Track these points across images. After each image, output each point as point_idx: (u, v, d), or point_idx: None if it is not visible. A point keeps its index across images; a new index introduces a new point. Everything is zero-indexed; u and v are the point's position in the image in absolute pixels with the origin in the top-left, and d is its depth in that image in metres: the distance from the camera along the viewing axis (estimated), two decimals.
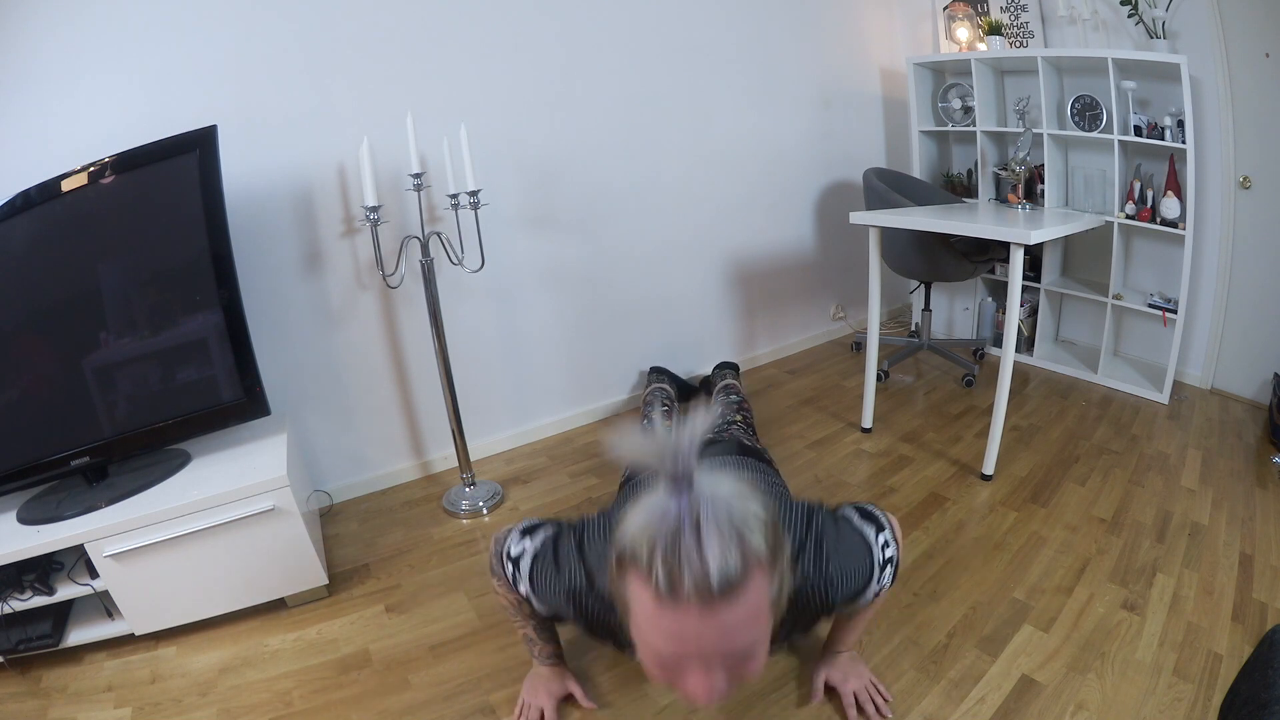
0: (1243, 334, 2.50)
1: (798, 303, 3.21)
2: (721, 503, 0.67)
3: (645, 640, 0.73)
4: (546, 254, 2.34)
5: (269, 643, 1.52)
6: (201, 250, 1.55)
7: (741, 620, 0.68)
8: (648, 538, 0.67)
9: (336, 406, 2.08)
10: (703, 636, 0.68)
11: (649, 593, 0.67)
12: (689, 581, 0.64)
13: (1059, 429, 2.35)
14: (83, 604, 1.53)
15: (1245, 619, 1.44)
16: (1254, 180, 2.33)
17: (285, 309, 1.93)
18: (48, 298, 1.47)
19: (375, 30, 1.90)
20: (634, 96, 2.43)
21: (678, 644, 0.69)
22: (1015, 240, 1.83)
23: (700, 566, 0.64)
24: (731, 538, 0.66)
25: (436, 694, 1.35)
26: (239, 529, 1.50)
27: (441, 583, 1.70)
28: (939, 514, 1.87)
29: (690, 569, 0.64)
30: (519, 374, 2.38)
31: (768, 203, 2.96)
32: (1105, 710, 1.23)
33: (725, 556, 0.65)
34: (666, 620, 0.68)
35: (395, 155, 1.85)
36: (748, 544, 0.67)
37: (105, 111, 1.60)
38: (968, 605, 1.52)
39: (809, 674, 1.32)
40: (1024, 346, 2.94)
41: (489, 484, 2.13)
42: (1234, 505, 1.86)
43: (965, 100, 2.94)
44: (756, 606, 0.70)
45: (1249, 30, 2.21)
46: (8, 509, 1.50)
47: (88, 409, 1.53)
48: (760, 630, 0.73)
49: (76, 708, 1.36)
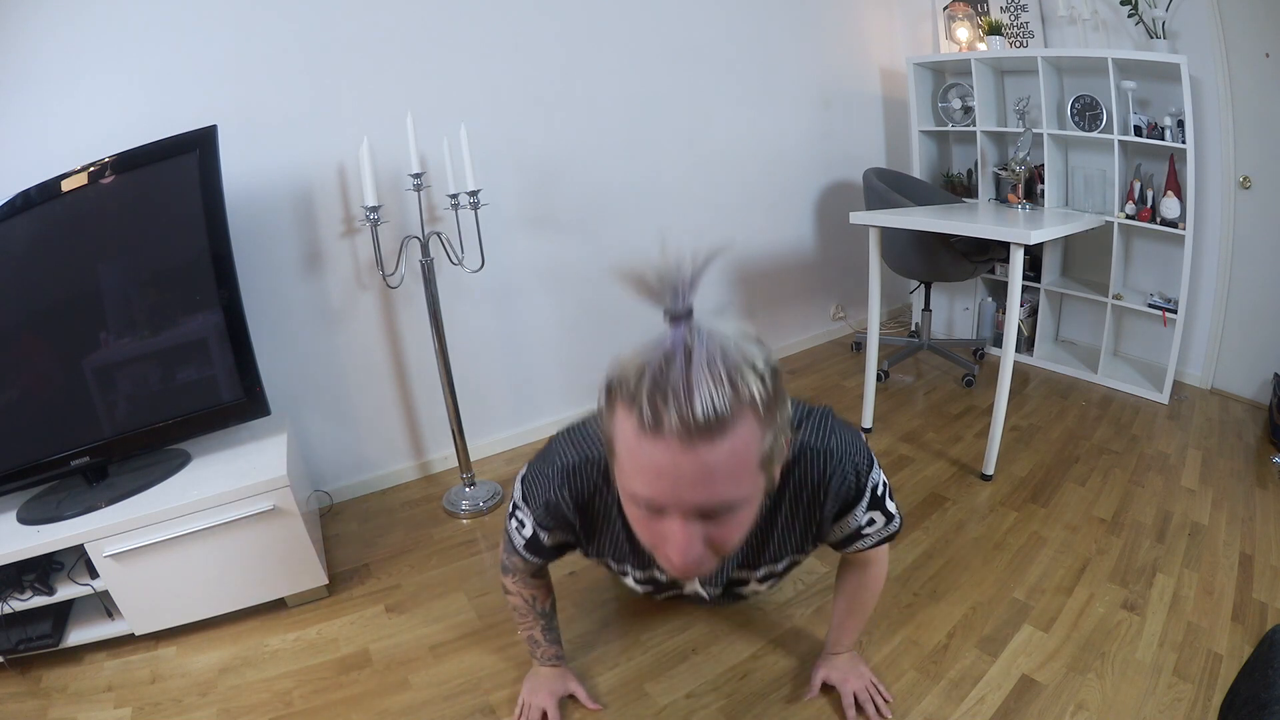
0: (1243, 334, 2.50)
1: (798, 303, 3.21)
2: (719, 340, 0.64)
3: (627, 481, 0.70)
4: (546, 254, 2.34)
5: (269, 643, 1.52)
6: (201, 250, 1.55)
7: (725, 463, 0.65)
8: (637, 366, 0.65)
9: (336, 406, 2.08)
10: (681, 473, 0.64)
11: (632, 423, 0.65)
12: (673, 411, 0.61)
13: (1059, 429, 2.35)
14: (83, 604, 1.53)
15: (1245, 619, 1.43)
16: (1254, 180, 2.33)
17: (285, 309, 1.93)
18: (48, 298, 1.47)
19: (375, 30, 1.90)
20: (634, 96, 2.43)
21: (656, 481, 0.66)
22: (1015, 240, 1.83)
23: (686, 397, 0.61)
24: (723, 374, 0.63)
25: (436, 694, 1.35)
26: (239, 529, 1.50)
27: (441, 583, 1.71)
28: (939, 514, 1.87)
29: (675, 398, 0.61)
30: (519, 374, 2.38)
31: (768, 203, 2.96)
32: (1105, 710, 1.23)
33: (714, 391, 0.62)
34: (647, 453, 0.65)
35: (395, 155, 1.85)
36: (741, 384, 0.64)
37: (105, 111, 1.60)
38: (968, 605, 1.52)
39: (808, 674, 1.32)
40: (1024, 346, 2.94)
41: (489, 484, 2.13)
42: (1234, 505, 1.86)
43: (965, 100, 2.94)
44: (743, 453, 0.66)
45: (1249, 30, 2.21)
46: (8, 509, 1.50)
47: (88, 409, 1.53)
48: (745, 484, 0.69)
49: (76, 708, 1.36)
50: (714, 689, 1.33)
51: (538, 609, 1.22)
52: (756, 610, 1.53)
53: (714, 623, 1.50)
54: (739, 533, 0.73)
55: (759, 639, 1.45)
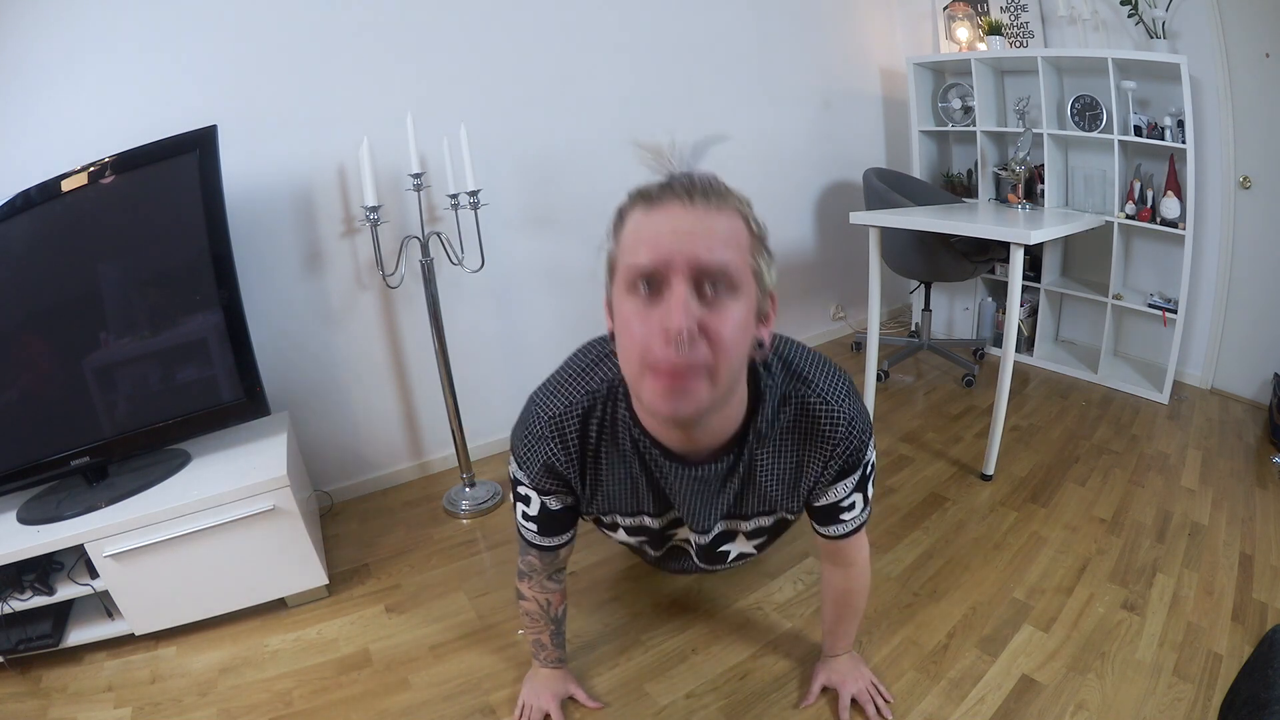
0: (1243, 334, 2.50)
1: (798, 303, 3.21)
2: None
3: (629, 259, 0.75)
4: (546, 254, 2.34)
5: (269, 643, 1.52)
6: (201, 250, 1.55)
7: (723, 226, 0.74)
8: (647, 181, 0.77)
9: (336, 406, 2.08)
10: (682, 226, 0.73)
11: (639, 208, 0.76)
12: (677, 184, 0.75)
13: (1059, 429, 2.35)
14: (83, 604, 1.53)
15: (1245, 619, 1.43)
16: (1254, 180, 2.33)
17: (285, 309, 1.93)
18: (48, 298, 1.47)
19: (375, 30, 1.90)
20: (634, 96, 2.43)
21: (658, 239, 0.73)
22: (1015, 240, 1.84)
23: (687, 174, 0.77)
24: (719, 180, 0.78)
25: (436, 694, 1.35)
26: (239, 529, 1.50)
27: (441, 583, 1.71)
28: (939, 514, 1.87)
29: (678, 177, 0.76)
30: (519, 374, 2.38)
31: (768, 203, 2.91)
32: (1105, 710, 1.23)
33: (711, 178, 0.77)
34: (652, 220, 0.74)
35: (395, 155, 1.85)
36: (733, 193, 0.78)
37: (105, 111, 1.60)
38: (968, 605, 1.52)
39: (809, 675, 1.32)
40: (1024, 346, 2.94)
41: (489, 484, 2.13)
42: (1234, 505, 1.86)
43: (965, 100, 2.94)
44: (739, 231, 0.76)
45: (1249, 30, 2.21)
46: (8, 509, 1.50)
47: (88, 409, 1.53)
48: (740, 259, 0.76)
49: (76, 708, 1.36)
50: (714, 689, 1.33)
51: (551, 614, 1.22)
52: (756, 610, 1.53)
53: (714, 623, 1.50)
54: (730, 325, 0.75)
55: (759, 639, 1.45)
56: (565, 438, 0.98)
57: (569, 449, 0.99)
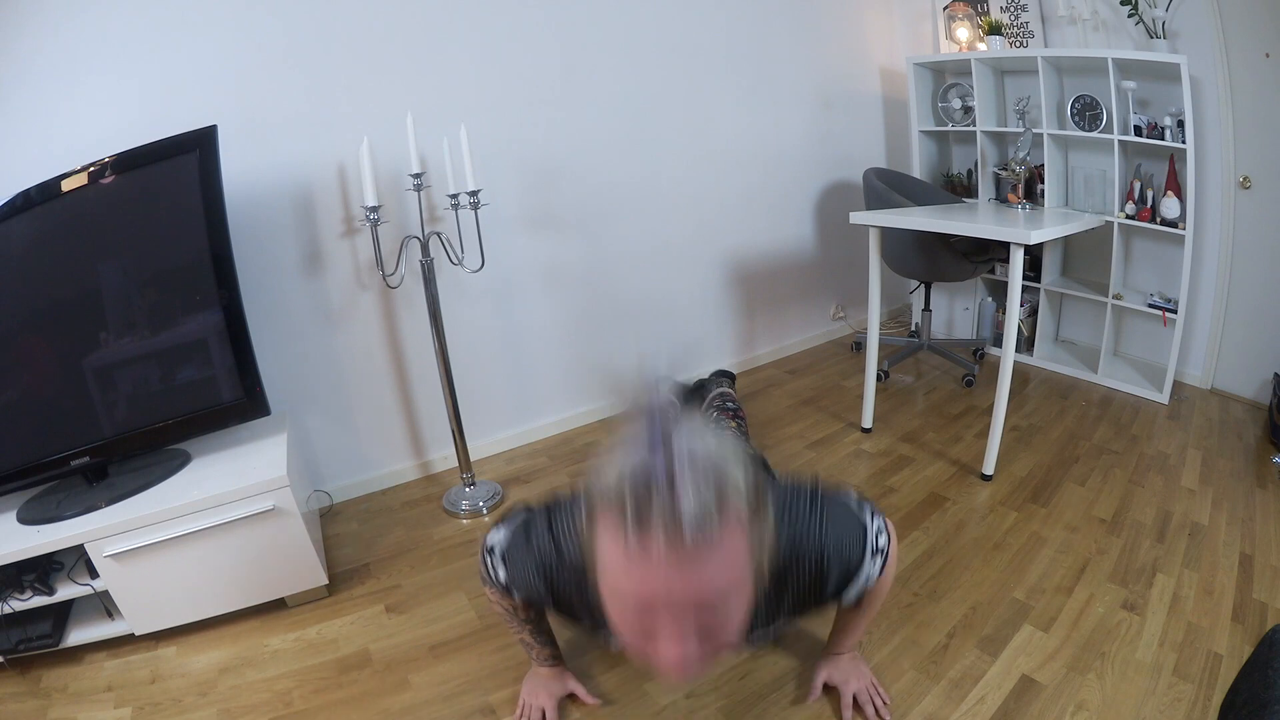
0: (1243, 334, 2.50)
1: (798, 303, 3.21)
2: (700, 457, 0.64)
3: (615, 598, 0.69)
4: (546, 254, 2.34)
5: (269, 643, 1.52)
6: (201, 250, 1.55)
7: (715, 576, 0.65)
8: (620, 487, 0.64)
9: (336, 406, 2.08)
10: (672, 590, 0.64)
11: (619, 544, 0.64)
12: (660, 531, 0.61)
13: (1059, 429, 2.35)
14: (83, 604, 1.53)
15: (1245, 619, 1.44)
16: (1254, 180, 2.33)
17: (285, 309, 1.92)
18: (48, 298, 1.47)
19: (375, 30, 1.90)
20: (634, 96, 2.43)
21: (646, 599, 0.66)
22: (1015, 240, 1.83)
23: (673, 515, 0.61)
24: (709, 490, 0.63)
25: (436, 694, 1.35)
26: (239, 529, 1.50)
27: (441, 583, 1.70)
28: (939, 514, 1.87)
29: (662, 518, 0.61)
30: (519, 374, 2.38)
31: (768, 203, 2.96)
32: (1105, 710, 1.23)
33: (701, 507, 0.62)
34: (636, 573, 0.64)
35: (395, 155, 1.85)
36: (726, 498, 0.64)
37: (105, 111, 1.60)
38: (968, 605, 1.52)
39: (809, 674, 1.32)
40: (1024, 346, 2.94)
41: (489, 484, 2.13)
42: (1234, 505, 1.86)
43: (965, 100, 2.94)
44: (732, 564, 0.66)
45: (1249, 30, 2.21)
46: (8, 509, 1.50)
47: (88, 409, 1.53)
48: (736, 591, 0.69)
49: (76, 708, 1.36)
50: (714, 689, 1.33)
51: (521, 617, 1.20)
52: None
53: None
54: (730, 636, 0.72)
55: None
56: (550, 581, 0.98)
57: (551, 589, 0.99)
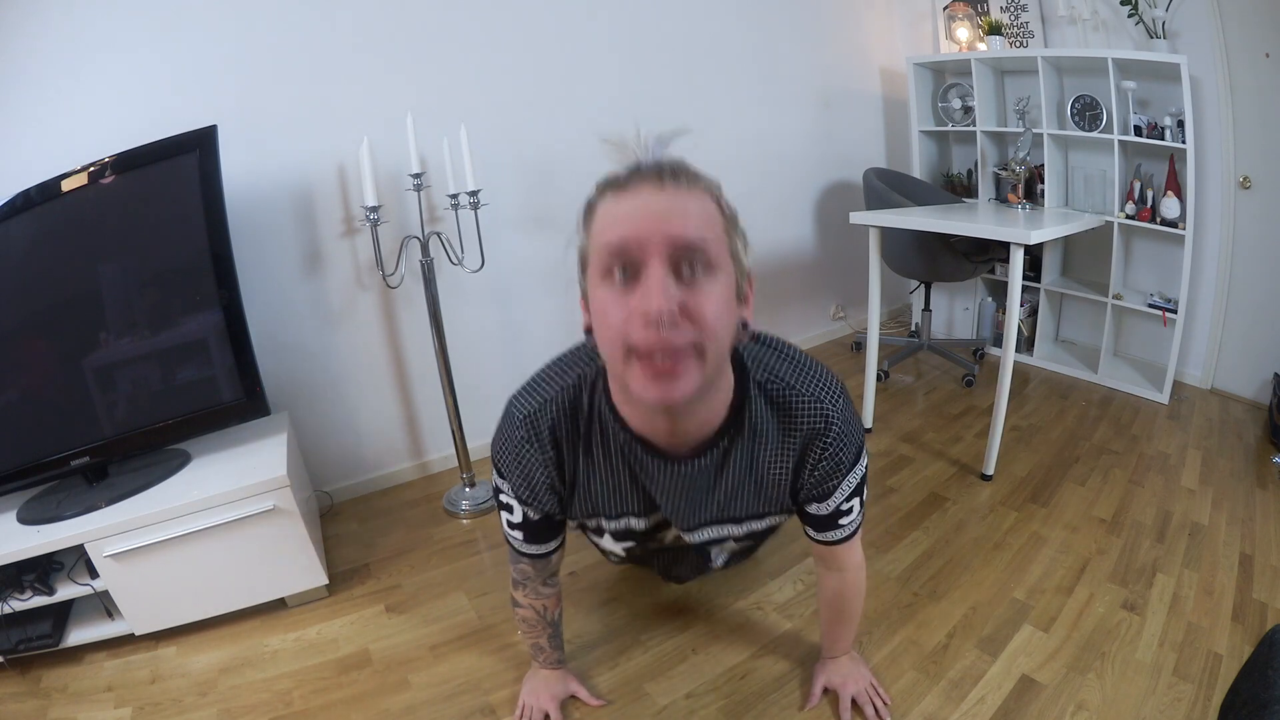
0: (1243, 334, 2.50)
1: (798, 303, 3.21)
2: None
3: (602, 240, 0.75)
4: (547, 254, 2.33)
5: (269, 643, 1.52)
6: (201, 250, 1.55)
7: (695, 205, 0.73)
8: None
9: (336, 406, 2.08)
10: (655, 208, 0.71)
11: (609, 194, 0.75)
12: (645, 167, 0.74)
13: (1059, 429, 2.35)
14: (83, 604, 1.53)
15: (1245, 619, 1.44)
16: (1254, 180, 2.33)
17: (285, 309, 1.92)
18: (48, 298, 1.47)
19: (375, 30, 1.90)
20: (634, 96, 2.43)
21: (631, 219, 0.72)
22: (1015, 240, 1.83)
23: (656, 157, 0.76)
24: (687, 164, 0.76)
25: (436, 694, 1.35)
26: (239, 529, 1.50)
27: (441, 583, 1.70)
28: (939, 514, 1.87)
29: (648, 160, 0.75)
30: (519, 374, 2.35)
31: (768, 203, 2.95)
32: (1105, 710, 1.23)
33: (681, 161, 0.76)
34: (624, 203, 0.73)
35: (395, 155, 1.85)
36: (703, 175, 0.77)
37: (105, 111, 1.60)
38: (968, 605, 1.52)
39: (809, 674, 1.32)
40: (1024, 346, 2.94)
41: (489, 484, 2.13)
42: (1234, 505, 1.85)
43: (965, 100, 2.94)
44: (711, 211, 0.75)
45: (1249, 30, 2.21)
46: (8, 509, 1.50)
47: (88, 409, 1.53)
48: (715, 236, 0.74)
49: (76, 708, 1.36)
50: (714, 689, 1.33)
51: (548, 618, 1.22)
52: (756, 610, 1.53)
53: (713, 623, 1.50)
54: (712, 304, 0.73)
55: (759, 639, 1.45)
56: (541, 438, 0.97)
57: (545, 449, 0.97)
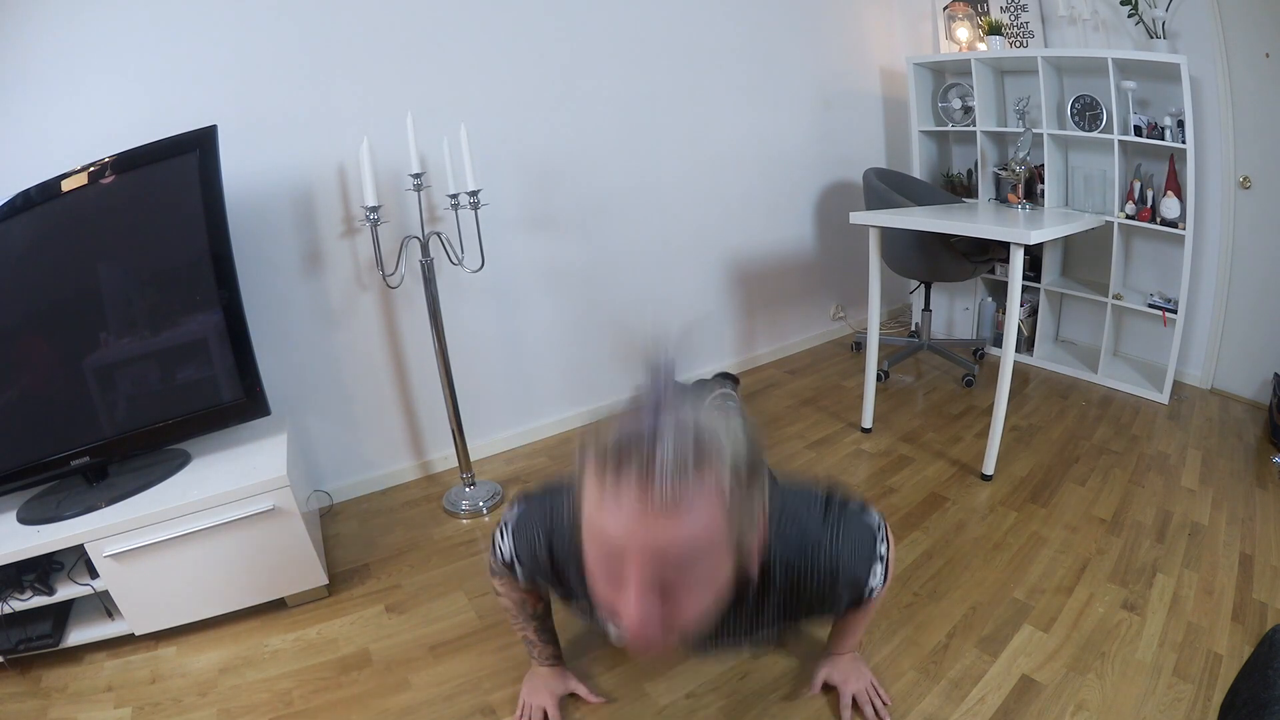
0: (1243, 334, 2.50)
1: (798, 303, 3.21)
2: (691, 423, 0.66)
3: (591, 542, 0.71)
4: (546, 254, 2.33)
5: (269, 643, 1.52)
6: (201, 250, 1.55)
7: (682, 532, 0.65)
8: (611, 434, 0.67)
9: (336, 406, 2.08)
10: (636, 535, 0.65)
11: (599, 486, 0.67)
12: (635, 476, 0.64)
13: (1059, 429, 2.35)
14: (83, 604, 1.53)
15: (1245, 619, 1.44)
16: (1254, 180, 2.33)
17: (285, 309, 1.92)
18: (48, 298, 1.47)
19: (375, 30, 1.90)
20: (634, 97, 2.43)
21: (616, 542, 0.67)
22: (1015, 240, 1.83)
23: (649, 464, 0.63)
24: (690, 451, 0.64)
25: (436, 694, 1.35)
26: (239, 529, 1.50)
27: (441, 583, 1.71)
28: (939, 514, 1.87)
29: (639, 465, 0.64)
30: (519, 374, 2.38)
31: (768, 203, 2.95)
32: (1105, 710, 1.23)
33: (677, 463, 0.63)
34: (609, 513, 0.66)
35: (395, 155, 1.85)
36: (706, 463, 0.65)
37: (105, 111, 1.60)
38: (968, 605, 1.52)
39: (809, 674, 1.32)
40: (1024, 346, 2.94)
41: (489, 484, 2.13)
42: (1234, 505, 1.86)
43: (965, 100, 2.94)
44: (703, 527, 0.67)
45: (1249, 30, 2.21)
46: (8, 509, 1.50)
47: (88, 409, 1.53)
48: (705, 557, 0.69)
49: (76, 708, 1.36)
50: (714, 689, 1.33)
51: (528, 611, 1.22)
52: None
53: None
54: (696, 609, 0.72)
55: None
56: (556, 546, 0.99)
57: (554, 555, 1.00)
